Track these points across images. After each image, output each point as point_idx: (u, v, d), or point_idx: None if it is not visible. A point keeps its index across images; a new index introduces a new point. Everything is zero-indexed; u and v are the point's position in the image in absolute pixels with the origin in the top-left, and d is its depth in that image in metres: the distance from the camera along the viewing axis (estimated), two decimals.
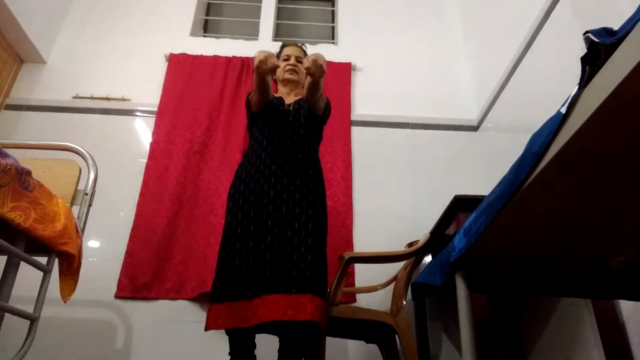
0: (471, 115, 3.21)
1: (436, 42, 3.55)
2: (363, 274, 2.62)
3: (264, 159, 1.92)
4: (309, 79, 1.97)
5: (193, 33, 3.49)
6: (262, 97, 2.01)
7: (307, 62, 1.85)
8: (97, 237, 2.64)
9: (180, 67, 3.20)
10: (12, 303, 1.44)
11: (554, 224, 0.92)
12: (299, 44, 2.29)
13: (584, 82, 0.63)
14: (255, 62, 1.84)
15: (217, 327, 1.67)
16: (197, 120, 2.98)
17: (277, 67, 1.89)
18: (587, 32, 0.64)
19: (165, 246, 2.60)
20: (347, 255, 1.95)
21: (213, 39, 3.51)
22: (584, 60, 0.64)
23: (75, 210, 1.74)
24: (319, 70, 1.86)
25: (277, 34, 3.69)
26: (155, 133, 2.94)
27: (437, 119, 3.21)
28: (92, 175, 1.90)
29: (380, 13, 3.67)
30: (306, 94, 2.05)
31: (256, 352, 1.79)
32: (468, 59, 3.42)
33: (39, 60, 3.20)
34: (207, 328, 1.69)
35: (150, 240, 2.60)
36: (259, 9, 3.70)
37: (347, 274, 2.05)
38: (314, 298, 1.63)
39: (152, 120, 3.02)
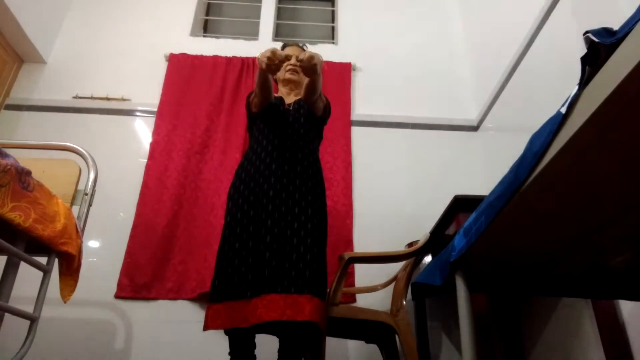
0: (471, 115, 3.21)
1: (436, 42, 3.55)
2: (363, 274, 2.61)
3: (263, 158, 1.92)
4: (308, 79, 1.97)
5: (193, 33, 3.49)
6: (265, 97, 2.00)
7: (302, 55, 1.84)
8: (97, 237, 2.64)
9: (180, 67, 3.20)
10: (12, 303, 1.44)
11: (554, 224, 0.92)
12: (300, 44, 2.29)
13: (584, 82, 0.63)
14: (264, 60, 1.80)
15: (215, 327, 1.67)
16: (197, 120, 2.98)
17: (286, 58, 1.85)
18: (587, 32, 0.64)
19: (165, 246, 2.60)
20: (347, 255, 1.94)
21: (213, 39, 3.51)
22: (584, 60, 0.64)
23: (75, 210, 1.74)
24: (310, 68, 1.84)
25: (277, 34, 3.69)
26: (155, 133, 2.94)
27: (437, 119, 3.21)
28: (92, 175, 1.90)
29: (380, 13, 3.67)
30: (304, 94, 2.05)
31: (256, 352, 1.78)
32: (468, 59, 3.42)
33: (39, 60, 3.20)
34: (205, 328, 1.69)
35: (150, 240, 2.60)
36: (259, 9, 3.70)
37: (347, 274, 2.05)
38: (312, 298, 1.63)
39: (152, 120, 3.02)
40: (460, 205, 2.00)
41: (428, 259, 2.34)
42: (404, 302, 1.93)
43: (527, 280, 1.26)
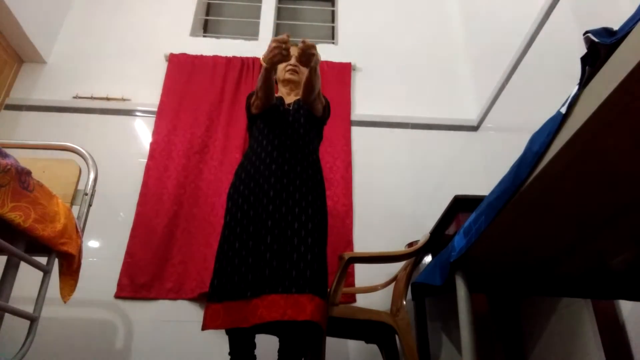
0: (471, 115, 3.21)
1: (436, 42, 3.55)
2: (363, 274, 2.61)
3: (263, 159, 1.92)
4: (304, 78, 1.97)
5: (193, 33, 3.49)
6: (267, 99, 2.00)
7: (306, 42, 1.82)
8: (97, 237, 2.64)
9: (180, 67, 3.20)
10: (12, 303, 1.44)
11: (554, 224, 0.92)
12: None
13: (584, 82, 0.63)
14: (276, 53, 1.80)
15: (214, 327, 1.67)
16: (197, 120, 2.98)
17: (286, 41, 1.82)
18: (587, 32, 0.64)
19: (165, 246, 2.60)
20: (347, 255, 1.94)
21: (213, 39, 3.51)
22: (584, 60, 0.64)
23: (75, 210, 1.74)
24: (307, 56, 1.83)
25: (277, 34, 3.69)
26: (155, 133, 2.94)
27: (437, 119, 3.21)
28: (92, 175, 1.90)
29: (381, 13, 3.67)
30: (302, 94, 2.05)
31: (256, 352, 1.79)
32: (468, 59, 3.42)
33: (39, 60, 3.20)
34: (204, 327, 1.69)
35: (150, 240, 2.60)
36: (259, 9, 3.70)
37: (347, 274, 2.05)
38: (313, 298, 1.63)
39: (152, 120, 3.02)
40: (460, 205, 2.00)
41: (428, 259, 2.34)
42: (404, 302, 1.93)
43: (527, 280, 1.26)
